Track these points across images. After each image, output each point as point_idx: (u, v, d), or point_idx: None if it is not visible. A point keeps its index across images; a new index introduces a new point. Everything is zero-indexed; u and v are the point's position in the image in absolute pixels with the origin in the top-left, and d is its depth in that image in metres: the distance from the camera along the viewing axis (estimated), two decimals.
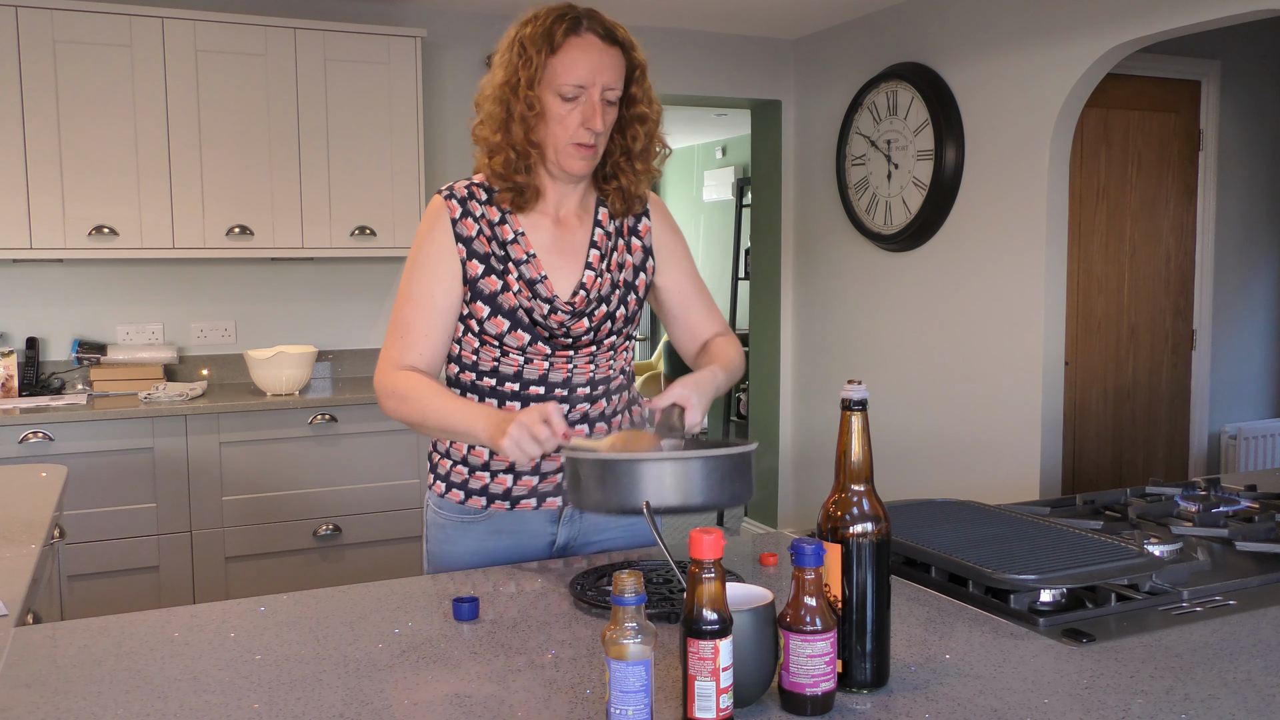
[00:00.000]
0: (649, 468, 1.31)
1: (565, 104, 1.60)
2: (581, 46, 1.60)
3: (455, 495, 1.71)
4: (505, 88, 1.61)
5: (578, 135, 1.60)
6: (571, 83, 1.59)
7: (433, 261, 1.64)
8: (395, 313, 1.67)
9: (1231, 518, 1.84)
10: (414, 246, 1.68)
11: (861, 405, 1.16)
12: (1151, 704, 1.10)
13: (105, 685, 1.18)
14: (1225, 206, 4.44)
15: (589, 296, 1.68)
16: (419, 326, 1.64)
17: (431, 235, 1.65)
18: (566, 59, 1.59)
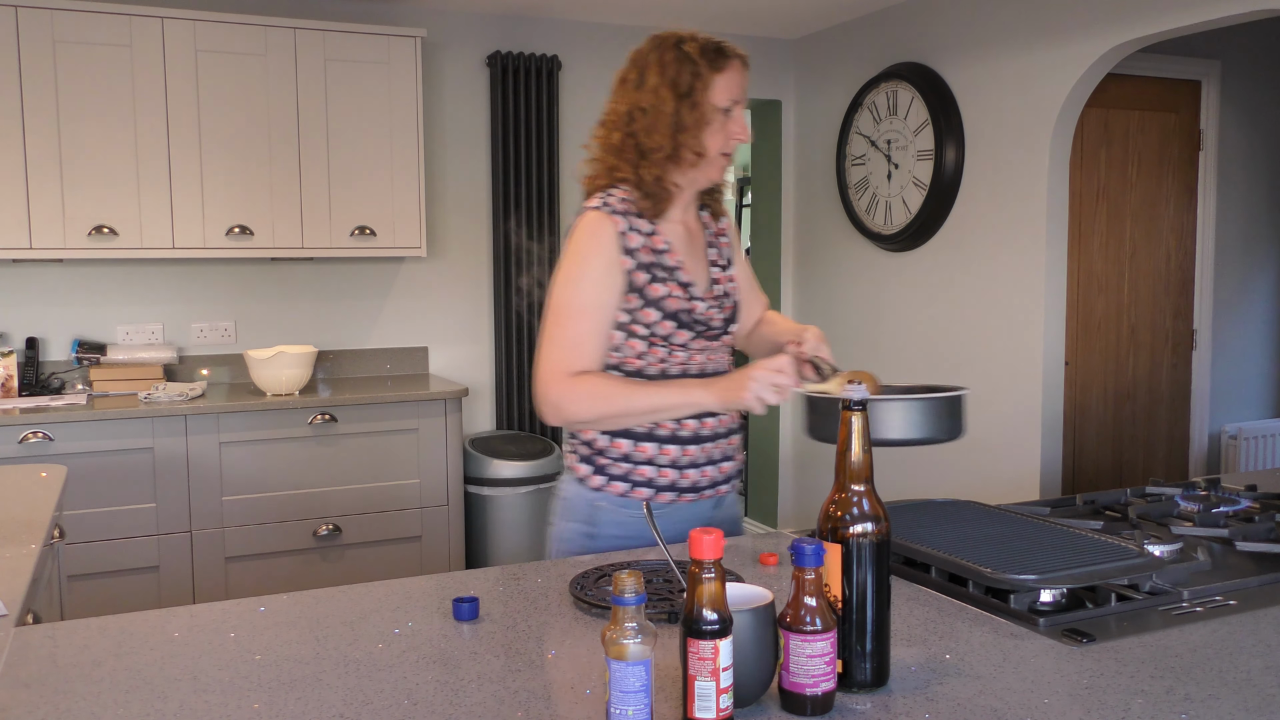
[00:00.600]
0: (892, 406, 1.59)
1: (720, 117, 1.76)
2: (736, 68, 1.78)
3: (616, 487, 1.80)
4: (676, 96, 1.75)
5: (726, 146, 1.78)
6: (729, 99, 1.76)
7: (599, 274, 1.75)
8: (558, 324, 1.75)
9: (1231, 518, 1.84)
10: (574, 259, 1.77)
11: (861, 405, 1.16)
12: (1151, 704, 1.10)
13: (105, 685, 1.18)
14: (1225, 206, 4.44)
15: (718, 292, 1.86)
16: (588, 335, 1.74)
17: (597, 248, 1.76)
18: (726, 77, 1.77)
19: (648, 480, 1.79)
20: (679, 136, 1.75)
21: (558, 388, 1.72)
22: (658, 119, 1.75)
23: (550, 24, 4.53)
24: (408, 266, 4.38)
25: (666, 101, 1.74)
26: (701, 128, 1.75)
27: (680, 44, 1.77)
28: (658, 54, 1.78)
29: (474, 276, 4.49)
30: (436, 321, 4.45)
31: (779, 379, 1.63)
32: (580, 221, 1.80)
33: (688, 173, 1.79)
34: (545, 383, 1.73)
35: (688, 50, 1.76)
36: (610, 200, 1.79)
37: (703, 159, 1.77)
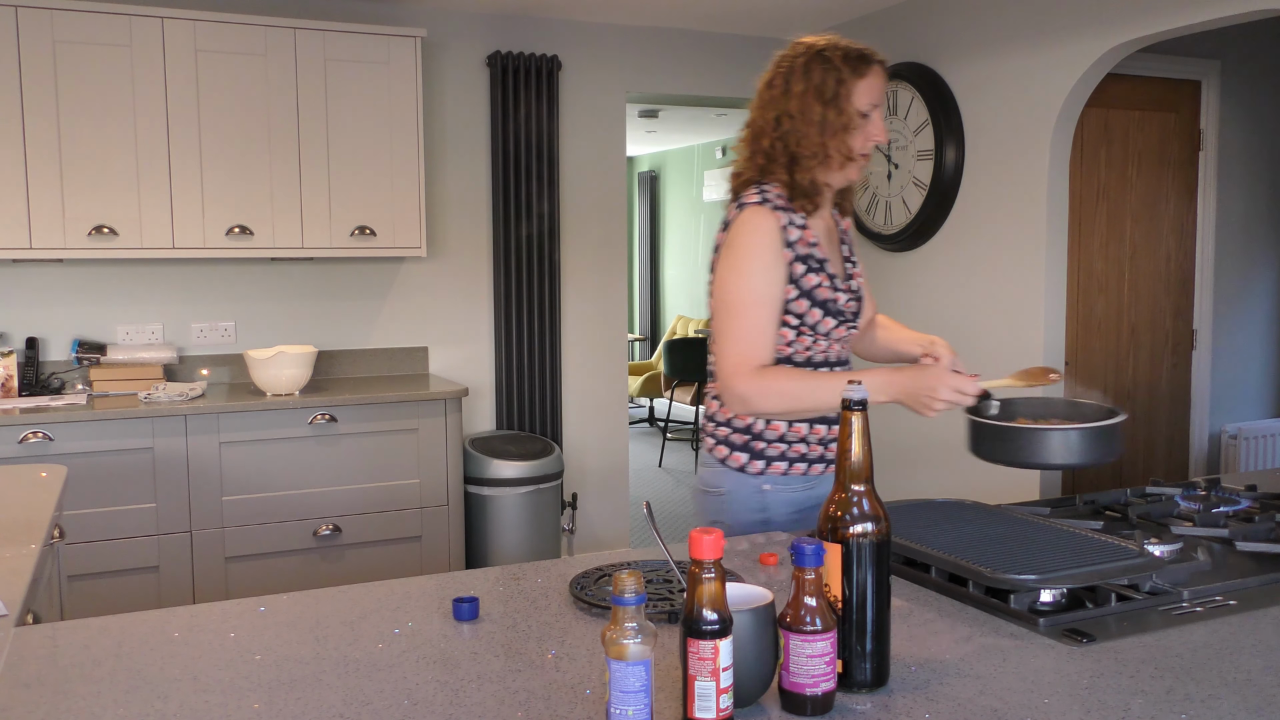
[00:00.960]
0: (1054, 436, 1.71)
1: (862, 120, 1.85)
2: (877, 73, 1.86)
3: (778, 467, 1.92)
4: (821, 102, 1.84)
5: (865, 147, 1.87)
6: (869, 102, 1.85)
7: (767, 267, 1.82)
8: (734, 318, 1.82)
9: (1232, 518, 1.84)
10: (741, 253, 1.84)
11: (862, 405, 1.16)
12: (1151, 704, 1.10)
13: (105, 685, 1.18)
14: (1225, 206, 4.44)
15: (853, 286, 1.95)
16: (766, 327, 1.82)
17: (765, 242, 1.83)
18: (867, 83, 1.85)
19: (801, 456, 1.92)
20: (826, 140, 1.84)
21: (746, 382, 1.79)
22: (805, 125, 1.84)
23: (550, 24, 4.53)
24: (408, 266, 4.38)
25: (812, 108, 1.83)
26: (847, 131, 1.84)
27: (824, 51, 1.85)
28: (803, 61, 1.86)
29: (474, 276, 4.49)
30: (436, 321, 4.45)
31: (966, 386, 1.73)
32: (743, 216, 1.86)
33: (834, 173, 1.88)
34: (732, 376, 1.80)
35: (831, 57, 1.84)
36: (769, 196, 1.86)
37: (849, 160, 1.87)
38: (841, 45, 1.87)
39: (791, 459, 1.92)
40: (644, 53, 4.72)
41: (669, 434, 8.11)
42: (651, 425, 8.86)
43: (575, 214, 4.65)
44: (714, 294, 1.88)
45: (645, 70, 4.73)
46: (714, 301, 1.87)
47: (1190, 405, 4.46)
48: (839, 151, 1.85)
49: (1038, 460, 1.74)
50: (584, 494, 4.73)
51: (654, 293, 10.36)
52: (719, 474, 1.97)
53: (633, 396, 8.76)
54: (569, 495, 4.64)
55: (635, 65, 4.71)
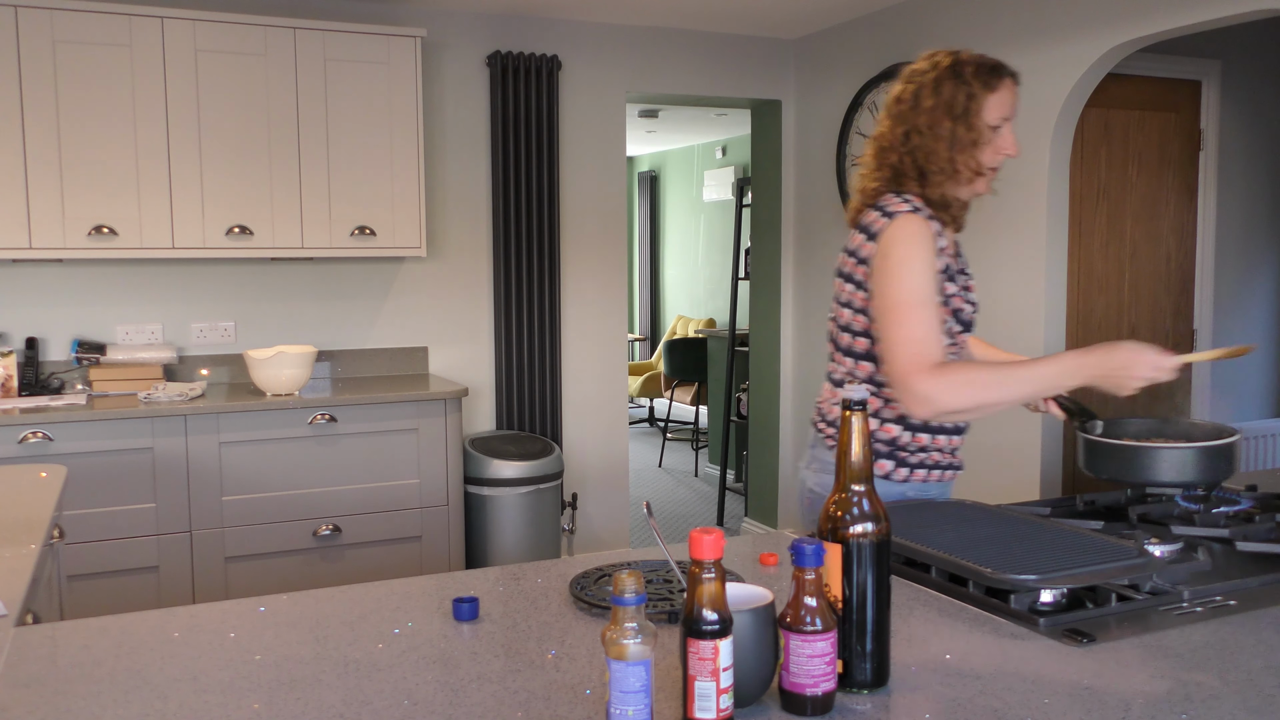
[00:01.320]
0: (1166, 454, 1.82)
1: (991, 134, 1.87)
2: (1009, 86, 1.87)
3: (919, 475, 1.94)
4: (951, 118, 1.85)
5: (994, 161, 1.88)
6: (1000, 116, 1.86)
7: (927, 268, 1.81)
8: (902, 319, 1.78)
9: (1232, 518, 1.84)
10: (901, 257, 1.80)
11: (862, 405, 1.16)
12: (1151, 704, 1.10)
13: (105, 685, 1.18)
14: (1225, 206, 4.44)
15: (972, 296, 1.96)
16: (933, 326, 1.79)
17: (921, 245, 1.81)
18: (998, 97, 1.86)
19: (936, 463, 1.95)
20: (956, 156, 1.85)
21: (925, 381, 1.74)
22: (934, 141, 1.85)
23: (550, 24, 4.53)
24: (407, 266, 4.38)
25: (942, 124, 1.85)
26: (976, 146, 1.85)
27: (955, 66, 1.86)
28: (933, 76, 1.87)
29: (474, 276, 4.49)
30: (436, 321, 4.45)
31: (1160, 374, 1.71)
32: (899, 223, 1.82)
33: (963, 188, 1.90)
34: (908, 376, 1.75)
35: (963, 73, 1.85)
36: (918, 205, 1.86)
37: (978, 175, 1.88)
38: (973, 59, 1.87)
39: (930, 466, 1.95)
40: (644, 53, 4.72)
41: (669, 434, 8.11)
42: (651, 425, 8.86)
43: (575, 214, 4.65)
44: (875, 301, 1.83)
45: (645, 70, 4.73)
46: (876, 307, 1.82)
47: (1190, 405, 4.46)
48: (967, 167, 1.86)
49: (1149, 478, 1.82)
50: (584, 494, 4.73)
51: (654, 293, 10.36)
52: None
53: (633, 396, 8.76)
54: (569, 495, 4.64)
55: (635, 65, 4.71)
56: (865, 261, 1.87)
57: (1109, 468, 1.87)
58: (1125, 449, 1.85)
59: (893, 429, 1.91)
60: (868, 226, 1.88)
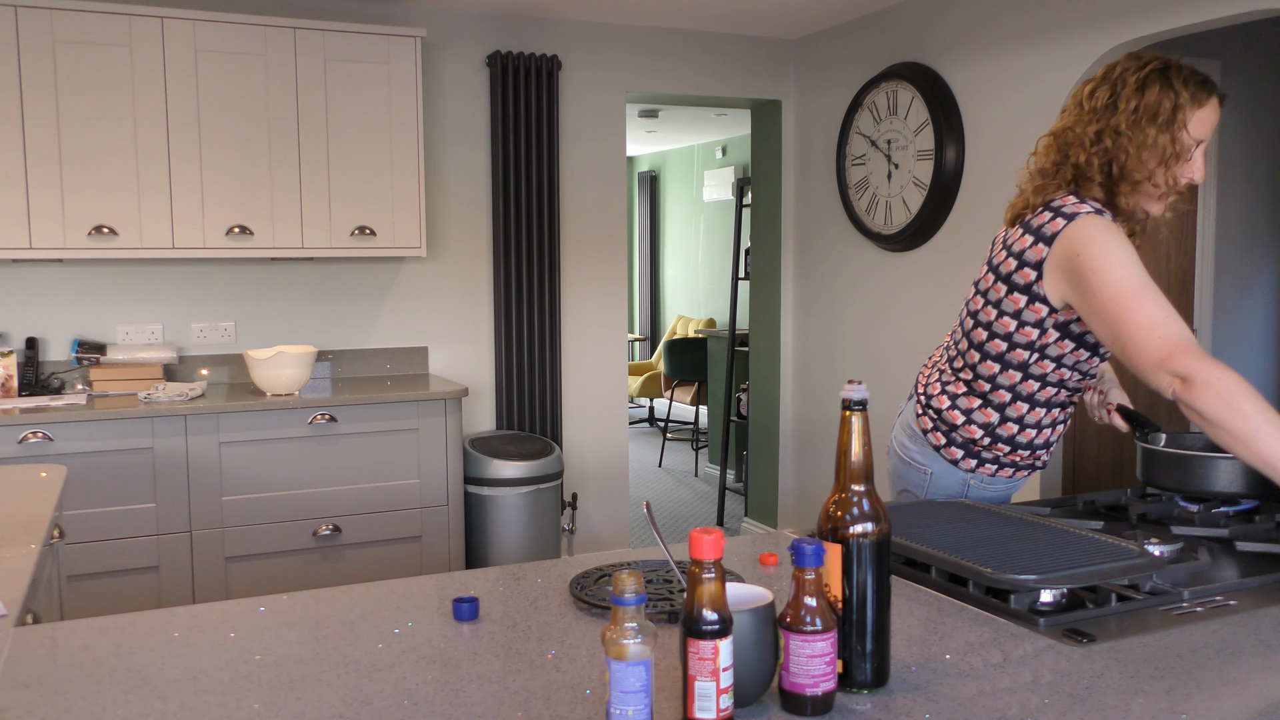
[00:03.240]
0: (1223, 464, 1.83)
1: (1193, 150, 1.75)
2: (1215, 106, 1.77)
3: (987, 469, 1.98)
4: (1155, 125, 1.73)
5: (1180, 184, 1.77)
6: (1201, 136, 1.76)
7: (1134, 256, 1.70)
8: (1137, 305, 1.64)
9: (1232, 518, 1.84)
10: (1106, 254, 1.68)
11: (862, 405, 1.16)
12: (1151, 704, 1.10)
13: (105, 685, 1.18)
14: (1225, 206, 4.44)
15: None
16: (1168, 307, 1.66)
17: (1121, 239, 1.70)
18: (1204, 114, 1.75)
19: (1012, 463, 1.97)
20: (1157, 168, 1.75)
21: (1194, 362, 1.57)
22: (1134, 146, 1.74)
23: (550, 24, 4.53)
24: (408, 266, 4.38)
25: (1145, 129, 1.73)
26: (1179, 161, 1.74)
27: (1165, 70, 1.75)
28: (1136, 76, 1.76)
29: (474, 276, 4.49)
30: (436, 321, 4.45)
31: None
32: (1079, 223, 1.72)
33: (1154, 203, 1.80)
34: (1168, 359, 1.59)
35: (1173, 78, 1.74)
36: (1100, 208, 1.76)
37: (1174, 193, 1.78)
38: (1186, 68, 1.76)
39: (1002, 464, 1.97)
40: (644, 53, 4.72)
41: (669, 434, 8.11)
42: (651, 425, 8.86)
43: (575, 214, 4.65)
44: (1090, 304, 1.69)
45: (645, 70, 4.73)
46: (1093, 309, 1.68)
47: None
48: (1165, 181, 1.75)
49: (1207, 487, 1.84)
50: (584, 494, 4.73)
51: (654, 293, 10.36)
52: (929, 455, 2.01)
53: (633, 396, 8.76)
54: (569, 495, 4.64)
55: (635, 65, 4.71)
56: (1035, 266, 1.76)
57: (1170, 477, 1.91)
58: (1186, 459, 1.87)
59: (975, 430, 1.94)
60: (1039, 229, 1.78)
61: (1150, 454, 1.94)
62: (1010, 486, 2.04)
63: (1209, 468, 1.85)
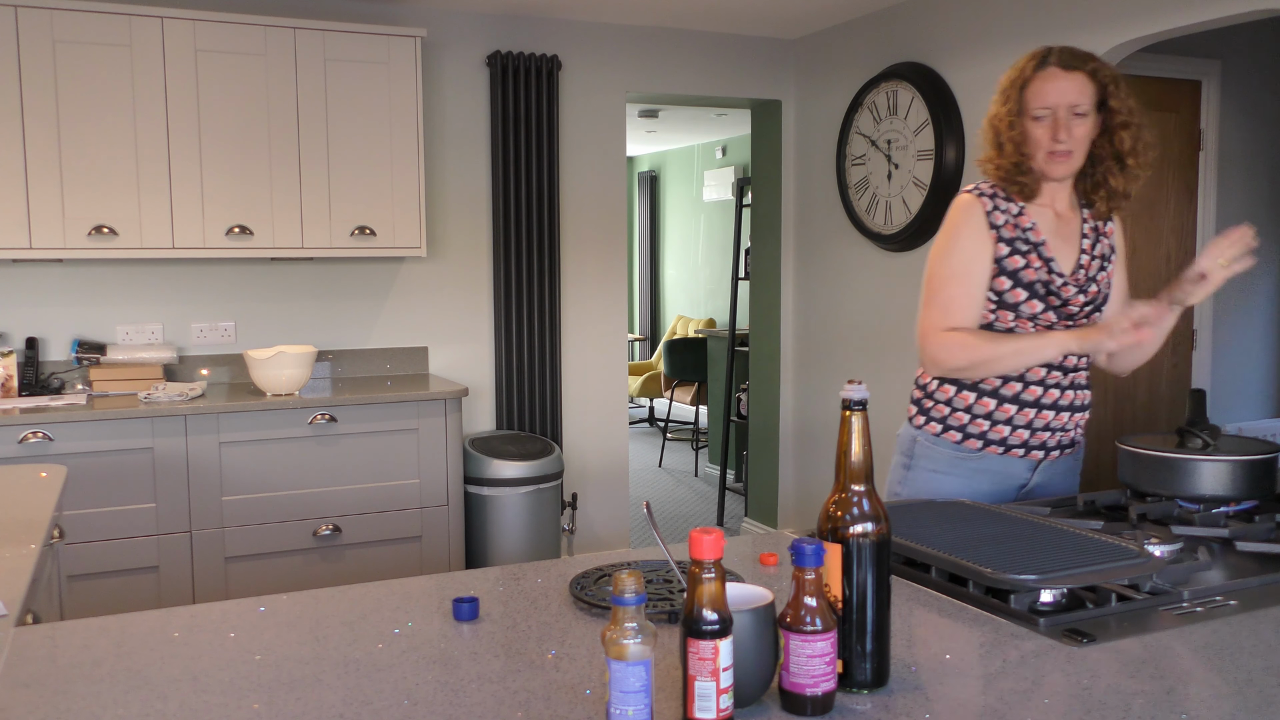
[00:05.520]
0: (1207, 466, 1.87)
1: (1038, 124, 1.97)
2: (1044, 78, 1.97)
3: (952, 436, 2.07)
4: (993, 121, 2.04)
5: (1050, 146, 1.97)
6: (1037, 107, 1.97)
7: (969, 244, 2.02)
8: (932, 291, 2.03)
9: (1232, 518, 1.84)
10: (945, 235, 2.06)
11: (862, 405, 1.16)
12: (1152, 704, 1.10)
13: (105, 685, 1.18)
14: (1225, 206, 4.44)
15: (1085, 275, 2.06)
16: (958, 298, 2.00)
17: (967, 223, 2.04)
18: (1032, 90, 1.98)
19: (960, 425, 2.06)
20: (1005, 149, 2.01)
21: (933, 342, 2.00)
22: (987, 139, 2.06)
23: (550, 24, 4.53)
24: (408, 266, 4.38)
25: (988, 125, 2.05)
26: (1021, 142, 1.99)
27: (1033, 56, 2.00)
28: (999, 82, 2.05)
29: (474, 276, 4.49)
30: (436, 321, 4.45)
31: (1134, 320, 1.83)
32: (953, 203, 2.09)
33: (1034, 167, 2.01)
34: (922, 339, 2.02)
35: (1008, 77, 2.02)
36: (981, 186, 2.06)
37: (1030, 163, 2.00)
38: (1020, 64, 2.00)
39: (950, 425, 2.07)
40: (644, 53, 4.72)
41: (669, 434, 8.11)
42: (651, 425, 8.86)
43: (575, 214, 4.65)
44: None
45: (645, 70, 4.73)
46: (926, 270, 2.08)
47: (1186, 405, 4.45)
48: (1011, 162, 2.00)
49: (1187, 491, 1.88)
50: (584, 494, 4.73)
51: (654, 293, 10.36)
52: (904, 430, 2.18)
53: (633, 396, 8.76)
54: (569, 495, 4.64)
55: (635, 65, 4.71)
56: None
57: (1148, 480, 1.94)
58: (1166, 461, 1.90)
59: (947, 389, 2.08)
60: None
61: (1126, 456, 1.98)
62: (955, 457, 2.07)
63: (1184, 470, 1.87)
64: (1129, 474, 1.98)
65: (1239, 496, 1.86)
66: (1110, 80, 2.00)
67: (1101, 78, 1.98)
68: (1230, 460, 1.85)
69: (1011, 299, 2.00)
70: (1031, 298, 2.00)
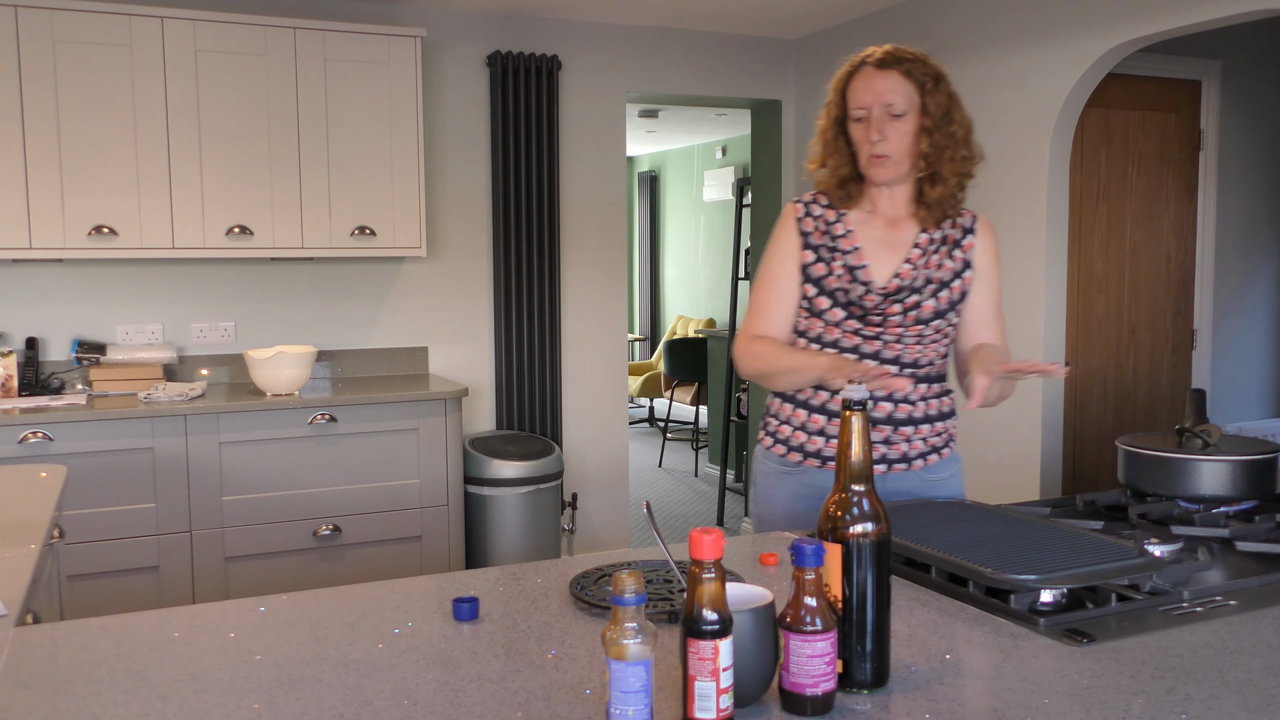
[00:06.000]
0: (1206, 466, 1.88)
1: (858, 126, 1.95)
2: (860, 77, 1.96)
3: (778, 450, 2.03)
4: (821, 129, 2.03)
5: (869, 149, 1.93)
6: (855, 107, 1.95)
7: (778, 252, 2.02)
8: (750, 295, 2.06)
9: (1232, 518, 1.84)
10: (769, 242, 2.05)
11: (862, 405, 1.16)
12: (1152, 704, 1.10)
13: (105, 685, 1.18)
14: (1225, 206, 4.44)
15: (902, 285, 1.95)
16: (766, 302, 2.01)
17: (781, 231, 2.03)
18: (851, 90, 1.97)
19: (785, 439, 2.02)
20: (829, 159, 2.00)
21: (736, 349, 2.03)
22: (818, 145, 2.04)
23: (550, 24, 4.53)
24: (408, 266, 4.38)
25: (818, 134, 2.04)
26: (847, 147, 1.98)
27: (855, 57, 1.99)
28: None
29: (474, 276, 4.49)
30: (436, 321, 4.45)
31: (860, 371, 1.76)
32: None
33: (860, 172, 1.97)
34: (734, 343, 2.05)
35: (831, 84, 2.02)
36: (806, 194, 2.05)
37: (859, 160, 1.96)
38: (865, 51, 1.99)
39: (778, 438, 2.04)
40: (644, 53, 4.72)
41: (669, 434, 8.11)
42: (651, 425, 8.86)
43: (575, 214, 4.65)
44: None
45: (645, 70, 4.73)
46: None
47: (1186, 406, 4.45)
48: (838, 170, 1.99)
49: (1187, 491, 1.88)
50: (584, 494, 4.73)
51: (654, 293, 10.36)
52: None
53: (633, 396, 8.76)
54: (569, 495, 4.63)
55: (635, 65, 4.71)
56: None
57: (1146, 479, 1.94)
58: (1166, 461, 1.90)
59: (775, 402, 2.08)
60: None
61: (1127, 455, 1.99)
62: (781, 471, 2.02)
63: (1182, 469, 1.88)
64: (1129, 474, 1.97)
65: (1239, 496, 1.86)
66: (928, 79, 1.91)
67: (917, 76, 1.91)
68: (1230, 460, 1.85)
69: (817, 306, 1.96)
70: (834, 306, 1.94)
